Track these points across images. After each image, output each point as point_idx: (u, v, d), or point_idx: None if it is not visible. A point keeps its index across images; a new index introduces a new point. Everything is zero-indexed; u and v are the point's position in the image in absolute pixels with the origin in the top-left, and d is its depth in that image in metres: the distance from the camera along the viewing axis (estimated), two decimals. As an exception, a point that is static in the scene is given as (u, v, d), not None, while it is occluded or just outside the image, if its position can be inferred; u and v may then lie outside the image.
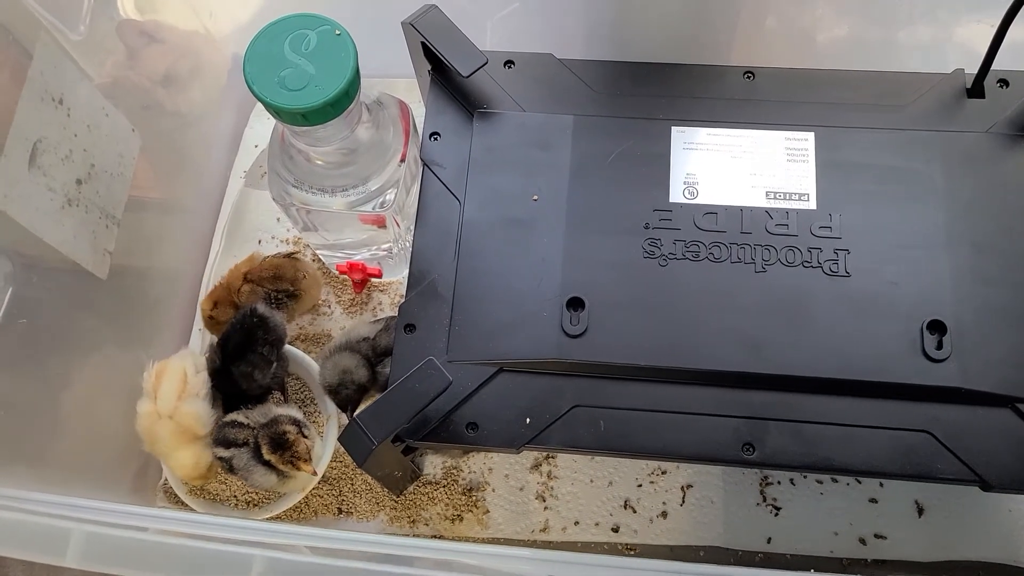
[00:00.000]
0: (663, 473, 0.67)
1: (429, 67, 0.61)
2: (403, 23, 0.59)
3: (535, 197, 0.57)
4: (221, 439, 0.61)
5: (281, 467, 0.60)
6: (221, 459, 0.61)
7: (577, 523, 0.66)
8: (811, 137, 0.58)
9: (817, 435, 0.51)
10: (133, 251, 0.67)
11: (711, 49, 0.66)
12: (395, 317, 0.59)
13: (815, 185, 0.56)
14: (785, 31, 0.70)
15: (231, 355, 0.64)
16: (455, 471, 0.68)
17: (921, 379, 0.51)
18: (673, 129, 0.59)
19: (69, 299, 0.62)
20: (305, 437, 0.60)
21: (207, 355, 0.66)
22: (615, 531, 0.66)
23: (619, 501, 0.67)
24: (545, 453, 0.68)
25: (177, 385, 0.62)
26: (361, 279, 0.72)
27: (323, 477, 0.68)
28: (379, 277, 0.73)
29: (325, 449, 0.67)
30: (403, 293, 0.58)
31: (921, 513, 0.65)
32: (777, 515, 0.66)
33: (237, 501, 0.69)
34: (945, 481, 0.50)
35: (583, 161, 0.58)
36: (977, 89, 0.58)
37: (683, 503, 0.66)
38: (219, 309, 0.69)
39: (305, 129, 0.54)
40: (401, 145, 0.61)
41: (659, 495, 0.67)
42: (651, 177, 0.57)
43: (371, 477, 0.61)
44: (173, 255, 0.76)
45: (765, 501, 0.66)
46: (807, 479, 0.66)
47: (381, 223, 0.64)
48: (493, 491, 0.68)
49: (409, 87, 0.70)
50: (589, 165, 0.58)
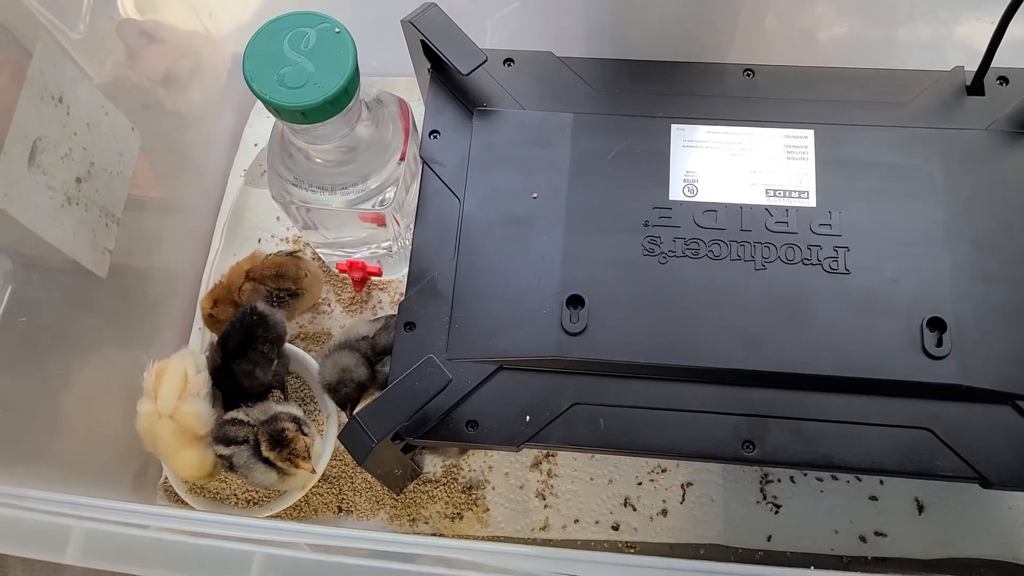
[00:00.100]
0: (663, 471, 0.67)
1: (429, 65, 0.61)
2: (403, 21, 0.59)
3: (535, 195, 0.57)
4: (221, 437, 0.61)
5: (280, 464, 0.60)
6: (221, 456, 0.61)
7: (577, 521, 0.66)
8: (811, 135, 0.58)
9: (817, 432, 0.51)
10: (133, 250, 0.67)
11: (711, 47, 0.65)
12: (395, 315, 0.59)
13: (815, 182, 0.56)
14: (785, 30, 0.70)
15: (232, 353, 0.64)
16: (455, 469, 0.68)
17: (921, 376, 0.51)
18: (673, 127, 0.59)
19: (69, 298, 0.62)
20: (304, 435, 0.60)
21: (207, 353, 0.66)
22: (615, 529, 0.66)
23: (619, 499, 0.67)
24: (545, 451, 0.68)
25: (177, 385, 0.62)
26: (361, 277, 0.72)
27: (323, 475, 0.68)
28: (379, 275, 0.73)
29: (325, 447, 0.67)
30: (403, 291, 0.58)
31: (921, 510, 0.65)
32: (777, 513, 0.66)
33: (237, 499, 0.69)
34: (945, 478, 0.50)
35: (583, 159, 0.58)
36: (977, 86, 0.58)
37: (683, 501, 0.66)
38: (219, 307, 0.69)
39: (304, 127, 0.54)
40: (401, 143, 0.61)
41: (659, 493, 0.67)
42: (651, 175, 0.57)
43: (371, 475, 0.61)
44: (173, 254, 0.76)
45: (765, 499, 0.66)
46: (807, 477, 0.66)
47: (381, 221, 0.64)
48: (493, 489, 0.68)
49: (409, 85, 0.70)
50: (589, 163, 0.58)
